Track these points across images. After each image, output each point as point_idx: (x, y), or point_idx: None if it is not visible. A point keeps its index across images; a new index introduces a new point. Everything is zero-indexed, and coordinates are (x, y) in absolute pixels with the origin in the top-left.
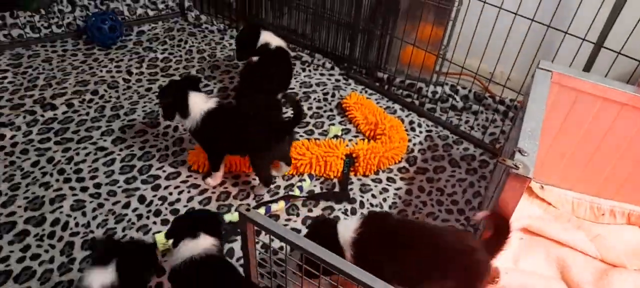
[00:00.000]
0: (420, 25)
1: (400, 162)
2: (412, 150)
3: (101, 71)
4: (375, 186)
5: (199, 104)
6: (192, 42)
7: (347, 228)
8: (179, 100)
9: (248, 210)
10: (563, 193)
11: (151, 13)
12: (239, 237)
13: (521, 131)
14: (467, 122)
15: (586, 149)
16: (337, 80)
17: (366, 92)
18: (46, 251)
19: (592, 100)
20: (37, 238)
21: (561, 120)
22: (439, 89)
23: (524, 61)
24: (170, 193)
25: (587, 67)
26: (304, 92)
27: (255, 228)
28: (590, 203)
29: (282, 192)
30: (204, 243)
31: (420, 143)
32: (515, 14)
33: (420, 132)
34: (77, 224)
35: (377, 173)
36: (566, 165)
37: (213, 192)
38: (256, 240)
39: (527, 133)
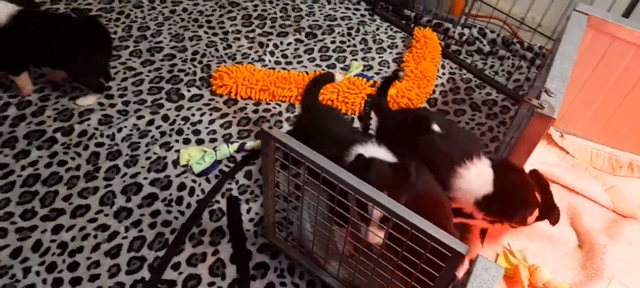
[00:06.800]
0: None
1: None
2: (434, 92)
3: None
4: None
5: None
6: None
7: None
8: None
9: (271, 127)
10: (583, 143)
11: None
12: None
13: (550, 72)
14: (492, 66)
15: (612, 100)
16: (363, 16)
17: (391, 29)
18: (72, 158)
19: (627, 48)
20: (64, 147)
21: (592, 68)
22: (466, 31)
23: (558, 8)
24: (193, 115)
25: (627, 13)
26: (328, 25)
27: (276, 145)
28: (609, 155)
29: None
30: None
31: (443, 85)
32: None
33: (443, 74)
34: (102, 135)
35: None
36: (590, 116)
37: (234, 117)
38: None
39: (556, 74)
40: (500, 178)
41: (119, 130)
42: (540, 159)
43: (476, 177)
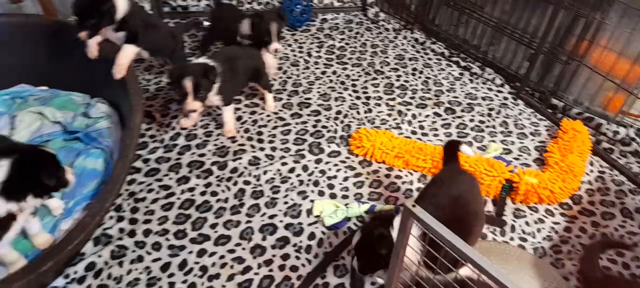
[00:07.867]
0: (617, 58)
1: None
2: (579, 189)
3: (286, 49)
4: (531, 214)
5: None
6: (368, 37)
7: None
8: None
9: (414, 206)
10: None
11: (336, 4)
12: None
13: None
14: None
15: None
16: (505, 98)
17: (535, 116)
18: (223, 191)
19: None
20: (218, 179)
21: None
22: (621, 129)
23: None
24: (330, 169)
25: None
26: (468, 103)
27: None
28: None
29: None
30: None
31: (590, 182)
32: None
33: (592, 171)
34: (250, 174)
35: None
36: None
37: (366, 178)
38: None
39: None
40: None
41: (265, 172)
42: None
43: None
